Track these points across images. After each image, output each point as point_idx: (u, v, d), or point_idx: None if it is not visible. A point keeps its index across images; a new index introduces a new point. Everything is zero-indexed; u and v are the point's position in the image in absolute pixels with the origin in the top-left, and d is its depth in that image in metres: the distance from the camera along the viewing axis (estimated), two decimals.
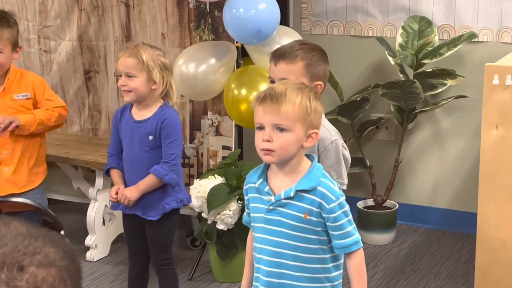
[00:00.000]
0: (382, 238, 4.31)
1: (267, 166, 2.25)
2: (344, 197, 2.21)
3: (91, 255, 4.14)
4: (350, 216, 2.20)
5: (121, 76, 3.10)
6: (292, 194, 2.17)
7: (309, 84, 2.58)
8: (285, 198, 2.18)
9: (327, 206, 2.15)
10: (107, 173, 3.27)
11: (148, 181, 3.11)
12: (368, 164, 4.40)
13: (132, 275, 3.35)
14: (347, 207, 2.19)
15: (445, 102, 4.16)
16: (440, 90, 4.18)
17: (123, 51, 3.13)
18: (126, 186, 3.19)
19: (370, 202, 4.44)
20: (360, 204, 4.40)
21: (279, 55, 2.66)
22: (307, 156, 2.24)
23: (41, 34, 4.60)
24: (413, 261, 4.08)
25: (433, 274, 3.93)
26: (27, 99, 3.54)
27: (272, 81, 2.63)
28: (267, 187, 2.21)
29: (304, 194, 2.17)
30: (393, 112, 4.35)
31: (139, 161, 3.13)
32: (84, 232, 4.21)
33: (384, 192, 4.38)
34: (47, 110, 3.56)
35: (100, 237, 4.17)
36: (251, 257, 2.35)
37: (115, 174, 3.21)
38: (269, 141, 2.12)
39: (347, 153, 2.64)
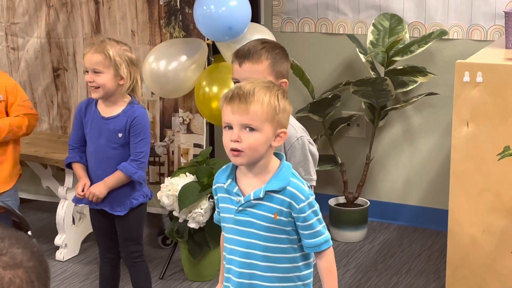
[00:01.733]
0: (353, 235, 4.31)
1: (236, 166, 2.22)
2: (314, 196, 2.19)
3: (60, 254, 4.09)
4: (320, 215, 2.19)
5: (88, 72, 3.07)
6: (261, 195, 2.14)
7: (275, 82, 2.57)
8: (254, 199, 2.16)
9: (297, 206, 2.14)
10: (68, 166, 3.23)
11: (115, 178, 3.09)
12: (340, 162, 4.40)
13: (103, 273, 3.32)
14: (316, 206, 2.18)
15: (416, 99, 4.17)
16: (411, 87, 4.19)
17: (89, 46, 3.09)
18: (91, 180, 3.16)
19: (342, 199, 4.44)
20: (332, 202, 4.39)
21: (243, 55, 2.61)
22: (276, 154, 2.22)
23: (8, 31, 4.53)
24: (385, 258, 4.09)
25: (404, 271, 3.94)
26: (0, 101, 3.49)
27: (236, 82, 2.59)
28: (236, 188, 2.19)
29: (273, 194, 2.15)
30: (364, 110, 4.36)
31: (106, 157, 3.11)
32: (53, 231, 4.16)
33: (356, 189, 4.39)
34: (17, 118, 3.50)
35: (70, 236, 4.12)
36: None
37: (78, 168, 3.18)
38: (237, 141, 2.10)
39: (314, 149, 2.63)
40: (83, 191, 3.12)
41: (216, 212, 2.33)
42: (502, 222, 3.02)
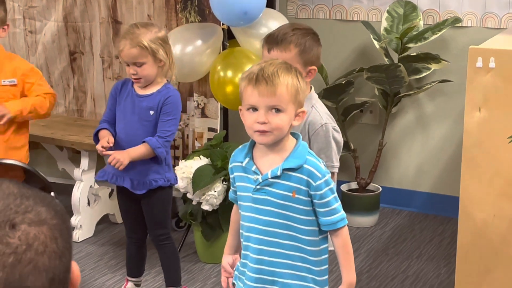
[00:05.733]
0: (365, 220, 4.34)
1: (253, 145, 2.27)
2: (330, 175, 2.23)
3: (75, 235, 4.15)
4: (336, 194, 2.23)
5: (128, 65, 3.11)
6: (279, 173, 2.19)
7: (303, 69, 2.58)
8: (272, 177, 2.20)
9: (314, 183, 2.18)
10: (96, 135, 3.23)
11: (140, 149, 3.12)
12: (352, 148, 4.43)
13: (129, 252, 3.41)
14: (333, 184, 2.22)
15: (429, 86, 4.20)
16: (424, 74, 4.21)
17: (123, 41, 3.11)
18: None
19: (354, 185, 4.47)
20: (344, 187, 4.43)
21: (271, 42, 2.63)
22: (292, 134, 2.26)
23: (26, 15, 4.58)
24: (396, 244, 4.13)
25: (415, 256, 3.97)
26: (13, 85, 3.49)
27: None
28: (254, 167, 2.23)
29: (291, 172, 2.19)
30: (377, 96, 4.38)
31: (135, 134, 3.15)
32: (69, 213, 4.20)
33: (368, 175, 4.42)
34: (38, 97, 3.52)
35: (84, 217, 4.17)
36: (234, 228, 2.42)
37: (104, 131, 3.19)
38: (265, 122, 2.14)
39: (338, 136, 2.65)
40: (105, 149, 3.12)
41: (231, 191, 2.37)
42: None
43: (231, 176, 2.34)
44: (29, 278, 0.96)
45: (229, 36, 3.95)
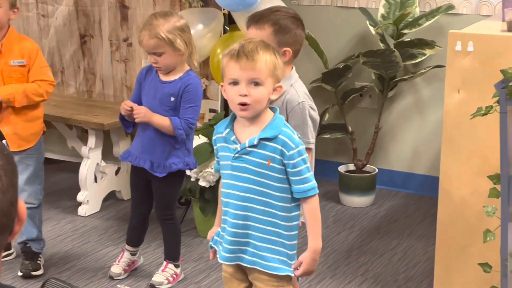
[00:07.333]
0: (361, 200, 4.49)
1: (234, 118, 2.44)
2: (304, 146, 2.40)
3: (82, 210, 4.34)
4: (309, 164, 2.39)
5: (150, 54, 3.26)
6: (255, 142, 2.36)
7: (277, 49, 2.72)
8: (249, 146, 2.37)
9: (287, 153, 2.35)
10: (121, 116, 3.39)
11: (163, 120, 3.29)
12: (350, 130, 4.57)
13: (131, 223, 3.62)
14: (306, 155, 2.38)
15: (424, 71, 4.33)
16: (420, 59, 4.34)
17: (143, 32, 3.26)
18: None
19: (352, 166, 4.62)
20: (342, 168, 4.57)
21: (251, 20, 2.78)
22: (270, 108, 2.43)
23: None
24: (389, 223, 4.27)
25: (406, 234, 4.11)
26: (22, 66, 3.51)
27: None
28: (233, 137, 2.41)
29: (266, 142, 2.36)
30: (374, 80, 4.52)
31: None
32: (78, 190, 4.40)
33: (365, 157, 4.56)
34: (32, 84, 3.52)
35: (91, 193, 4.36)
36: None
37: None
38: (246, 95, 2.31)
39: (315, 114, 2.78)
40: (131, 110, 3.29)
41: (215, 161, 2.55)
42: (489, 184, 3.17)
43: (214, 147, 2.51)
44: None
45: (230, 21, 4.11)
